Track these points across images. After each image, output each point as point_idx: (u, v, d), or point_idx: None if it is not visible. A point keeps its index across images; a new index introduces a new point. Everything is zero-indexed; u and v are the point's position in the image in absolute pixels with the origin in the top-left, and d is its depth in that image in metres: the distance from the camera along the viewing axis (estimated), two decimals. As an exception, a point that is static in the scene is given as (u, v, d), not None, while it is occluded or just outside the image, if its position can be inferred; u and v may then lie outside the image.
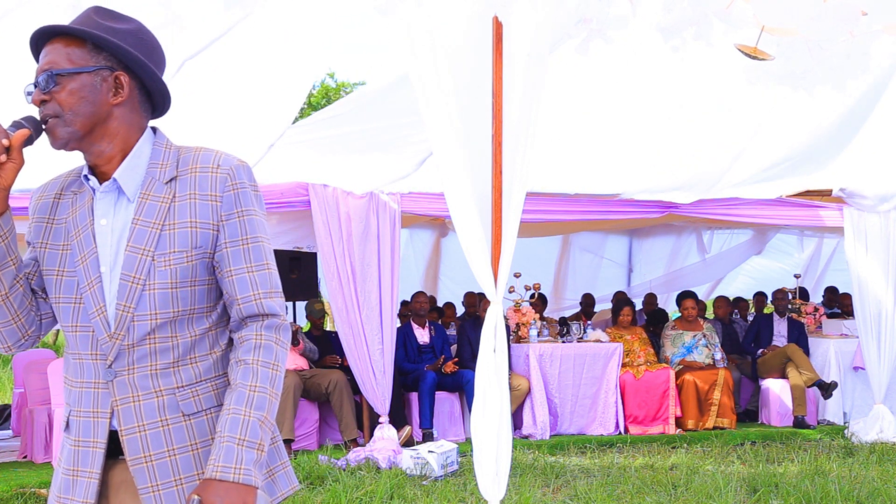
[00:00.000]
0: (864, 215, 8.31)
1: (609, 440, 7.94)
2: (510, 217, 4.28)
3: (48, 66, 1.88)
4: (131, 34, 1.93)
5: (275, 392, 1.88)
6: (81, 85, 1.87)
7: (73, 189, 1.99)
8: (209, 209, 1.90)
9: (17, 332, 1.97)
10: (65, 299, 1.92)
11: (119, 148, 1.92)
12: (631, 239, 13.07)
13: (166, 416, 1.88)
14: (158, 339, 1.88)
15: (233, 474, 1.79)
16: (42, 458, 7.14)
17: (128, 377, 1.88)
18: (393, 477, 6.29)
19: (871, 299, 8.20)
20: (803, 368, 8.61)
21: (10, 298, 1.93)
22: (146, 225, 1.88)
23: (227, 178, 1.91)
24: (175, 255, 1.88)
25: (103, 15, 1.93)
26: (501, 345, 4.34)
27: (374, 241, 7.33)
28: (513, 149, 4.23)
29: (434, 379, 7.92)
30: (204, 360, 1.92)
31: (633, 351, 8.73)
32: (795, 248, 13.58)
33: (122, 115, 1.92)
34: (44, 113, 1.89)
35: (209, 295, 1.93)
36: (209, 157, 1.93)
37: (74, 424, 1.94)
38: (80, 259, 1.90)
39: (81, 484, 1.90)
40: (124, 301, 1.86)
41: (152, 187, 1.91)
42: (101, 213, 1.92)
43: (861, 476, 6.40)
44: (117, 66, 1.90)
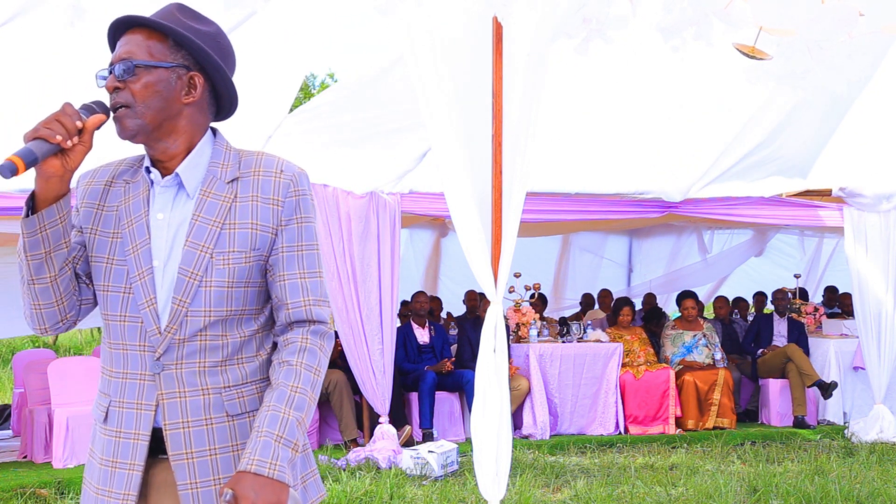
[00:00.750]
0: (864, 215, 8.31)
1: (609, 440, 7.94)
2: (510, 217, 4.29)
3: (127, 56, 1.88)
4: (211, 37, 1.94)
5: (314, 396, 1.89)
6: (157, 79, 1.88)
7: (126, 178, 1.98)
8: (270, 212, 1.91)
9: (56, 314, 1.95)
10: (114, 288, 1.91)
11: (183, 145, 1.93)
12: (631, 239, 13.07)
13: (211, 415, 1.88)
14: (209, 336, 1.89)
15: (268, 469, 1.77)
16: (42, 458, 7.14)
17: (175, 372, 1.87)
18: (393, 477, 6.29)
19: (871, 299, 8.20)
20: (803, 368, 8.61)
21: (58, 281, 1.91)
22: (206, 222, 1.89)
23: (290, 183, 1.93)
24: (234, 255, 1.89)
25: (186, 14, 1.95)
26: (501, 345, 4.35)
27: (374, 241, 7.33)
28: (513, 149, 4.24)
29: (434, 379, 7.92)
30: (250, 362, 1.93)
31: (633, 351, 8.74)
32: (796, 249, 13.59)
33: (190, 114, 1.93)
34: (115, 101, 1.88)
35: (259, 297, 1.95)
36: (272, 161, 1.95)
37: (115, 415, 1.91)
38: (132, 248, 1.90)
39: (121, 476, 1.88)
40: (180, 295, 1.87)
41: (213, 185, 1.92)
42: (158, 206, 1.93)
43: (861, 476, 6.40)
44: (194, 67, 1.92)
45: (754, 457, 7.23)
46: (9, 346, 16.53)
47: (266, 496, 1.75)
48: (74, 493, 6.12)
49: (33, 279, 1.89)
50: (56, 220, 1.85)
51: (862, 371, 8.63)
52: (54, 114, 1.80)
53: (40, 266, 1.88)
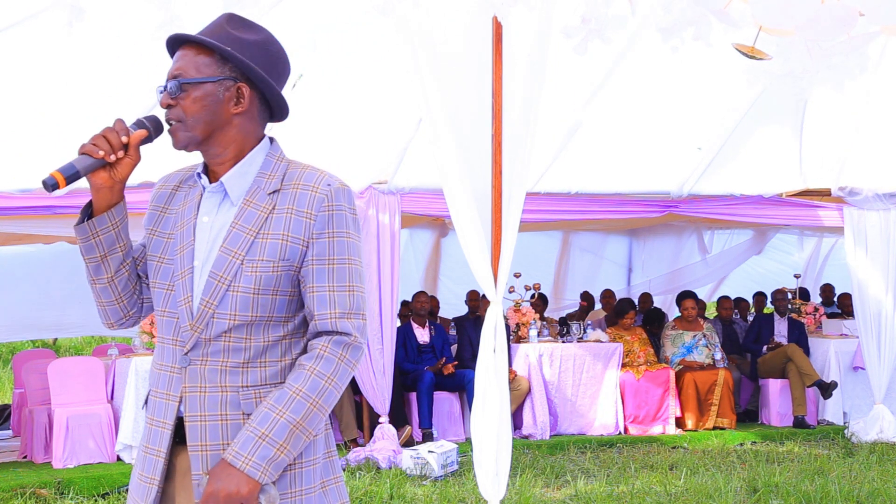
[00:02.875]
0: (863, 215, 8.31)
1: (609, 440, 7.94)
2: (510, 217, 4.29)
3: (177, 73, 1.99)
4: (258, 45, 2.03)
5: (320, 403, 1.93)
6: (205, 94, 1.98)
7: (190, 183, 2.10)
8: (302, 225, 1.97)
9: (119, 311, 2.11)
10: (160, 284, 2.03)
11: (233, 153, 2.03)
12: (631, 239, 13.06)
13: (227, 412, 1.95)
14: (233, 338, 1.96)
15: (241, 462, 1.86)
16: (42, 458, 7.14)
17: (200, 367, 1.97)
18: (393, 477, 6.29)
19: (871, 299, 8.20)
20: (803, 368, 8.60)
21: (115, 281, 2.06)
22: (243, 230, 1.98)
23: (324, 198, 1.98)
24: (263, 263, 1.96)
25: (235, 24, 2.04)
26: (501, 345, 4.35)
27: (373, 241, 7.33)
28: (513, 148, 4.24)
29: (432, 379, 7.92)
30: (273, 366, 1.99)
31: (633, 351, 8.74)
32: (795, 248, 13.60)
33: (240, 123, 2.02)
34: (168, 116, 2.00)
35: (289, 306, 2.00)
36: (313, 175, 2.02)
37: (152, 404, 2.04)
38: (180, 249, 2.01)
39: (150, 461, 2.00)
40: (208, 297, 1.96)
41: (256, 195, 2.01)
42: (205, 210, 2.03)
43: (861, 476, 6.40)
44: (240, 78, 2.00)
45: (754, 457, 7.23)
46: (9, 346, 16.53)
47: (227, 486, 1.85)
48: (74, 492, 6.13)
49: (94, 279, 2.06)
50: (108, 227, 2.00)
51: (862, 371, 8.62)
52: (104, 129, 1.94)
53: (98, 268, 2.04)
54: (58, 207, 6.64)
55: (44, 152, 6.21)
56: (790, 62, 2.40)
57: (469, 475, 6.07)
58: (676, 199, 8.45)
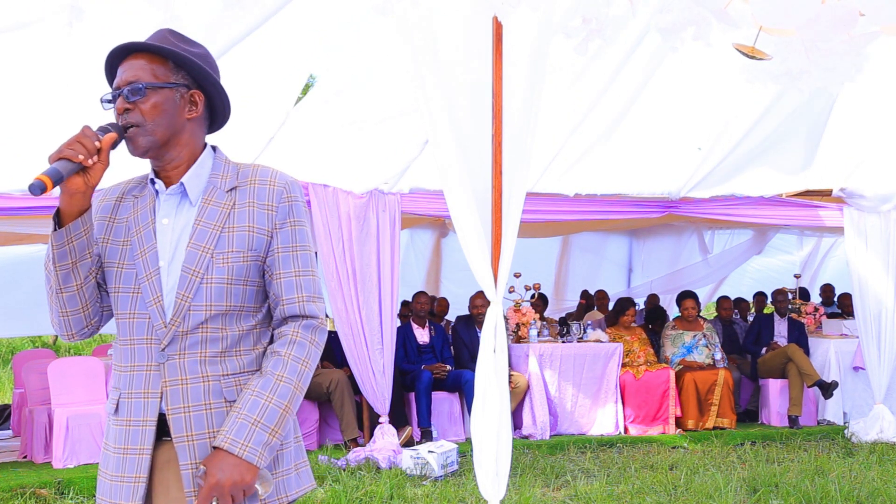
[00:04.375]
0: (864, 215, 8.31)
1: (609, 440, 7.93)
2: (510, 217, 4.28)
3: (134, 79, 2.06)
4: (202, 57, 2.15)
5: (300, 385, 2.05)
6: (164, 98, 2.07)
7: (134, 193, 2.17)
8: (265, 217, 2.09)
9: (82, 320, 2.15)
10: (123, 289, 2.09)
11: (186, 157, 2.12)
12: (631, 239, 13.06)
13: (210, 401, 2.04)
14: (210, 329, 2.05)
15: (239, 449, 1.95)
16: (42, 458, 7.14)
17: (178, 361, 2.04)
18: (393, 477, 6.29)
19: (872, 299, 8.21)
20: (804, 368, 8.60)
21: (84, 289, 2.10)
22: (208, 226, 2.08)
23: (283, 191, 2.12)
24: (233, 254, 2.06)
25: (178, 38, 2.15)
26: (501, 345, 4.34)
27: (374, 241, 7.33)
28: (513, 149, 4.23)
29: (430, 379, 7.92)
30: (248, 354, 2.09)
31: (633, 351, 8.73)
32: (795, 248, 13.62)
33: (192, 129, 2.13)
34: (125, 121, 2.06)
35: (258, 296, 2.12)
36: (266, 172, 2.15)
37: (125, 406, 2.08)
38: (140, 253, 2.08)
39: (132, 461, 2.05)
40: (183, 291, 2.04)
41: (214, 194, 2.11)
42: (163, 213, 2.11)
43: (861, 476, 6.40)
44: (193, 85, 2.13)
45: (754, 457, 7.23)
46: (9, 346, 16.54)
47: (231, 475, 1.93)
48: (74, 492, 6.12)
49: (61, 288, 2.09)
50: (81, 232, 2.05)
51: (862, 371, 8.63)
52: (75, 136, 1.99)
53: (67, 276, 2.07)
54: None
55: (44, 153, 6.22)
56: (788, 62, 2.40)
57: (469, 475, 6.07)
58: (677, 200, 8.45)
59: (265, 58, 5.95)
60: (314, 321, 2.09)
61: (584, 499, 5.80)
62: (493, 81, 4.20)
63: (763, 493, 5.85)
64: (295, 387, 2.03)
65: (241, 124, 6.52)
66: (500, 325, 4.34)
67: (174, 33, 2.14)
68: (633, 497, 5.84)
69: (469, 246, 4.30)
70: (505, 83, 4.20)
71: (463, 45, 4.21)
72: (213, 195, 2.11)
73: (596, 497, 5.76)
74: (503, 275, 4.34)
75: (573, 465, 6.92)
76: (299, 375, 2.04)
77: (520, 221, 4.34)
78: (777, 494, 5.86)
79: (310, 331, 2.08)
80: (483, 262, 4.30)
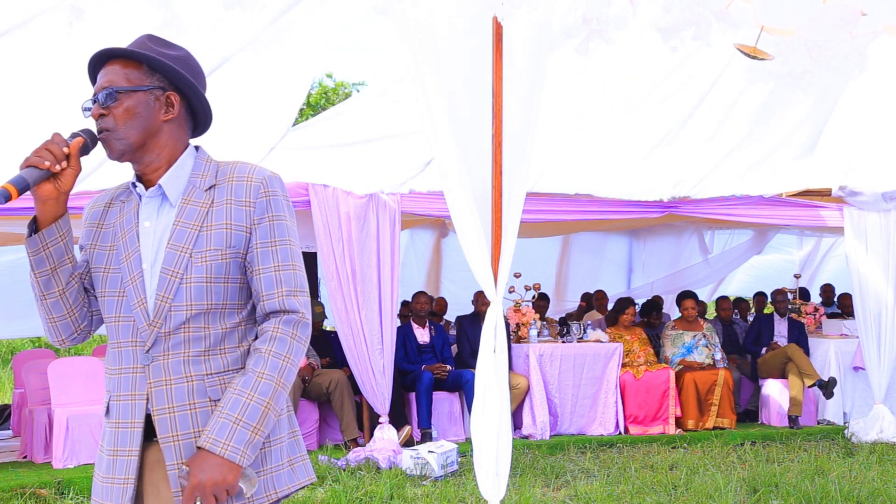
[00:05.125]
0: (864, 215, 8.31)
1: (609, 440, 7.93)
2: (510, 217, 4.28)
3: (107, 84, 2.08)
4: (181, 60, 2.15)
5: (282, 382, 2.04)
6: (137, 102, 2.08)
7: (122, 199, 2.19)
8: (243, 213, 2.09)
9: (70, 326, 2.17)
10: (109, 293, 2.11)
11: (165, 159, 2.13)
12: (631, 239, 13.06)
13: (195, 401, 2.04)
14: (192, 328, 2.05)
15: (221, 448, 1.94)
16: (42, 458, 7.14)
17: (163, 362, 2.04)
18: (393, 477, 6.29)
19: (872, 299, 8.20)
20: (804, 368, 8.60)
21: (66, 294, 2.12)
22: (186, 226, 2.08)
23: (260, 186, 2.10)
24: (211, 253, 2.06)
25: (157, 42, 2.16)
26: (501, 345, 4.34)
27: (374, 241, 7.32)
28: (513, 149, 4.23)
29: (431, 379, 7.91)
30: (232, 352, 2.09)
31: (633, 351, 8.73)
32: (795, 248, 13.62)
33: (170, 130, 2.13)
34: (101, 126, 2.08)
35: (240, 293, 2.11)
36: (245, 168, 2.14)
37: (114, 409, 2.09)
38: (125, 257, 2.09)
39: (121, 462, 2.06)
40: (163, 292, 2.04)
41: (193, 194, 2.11)
42: (145, 216, 2.12)
43: (861, 476, 6.40)
44: (169, 87, 2.13)
45: (754, 457, 7.23)
46: (9, 346, 16.53)
47: (213, 475, 1.93)
48: (74, 493, 6.12)
49: (44, 294, 2.11)
50: (57, 237, 2.07)
51: (862, 371, 8.62)
52: (44, 143, 2.01)
53: (48, 281, 2.10)
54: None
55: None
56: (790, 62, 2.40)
57: (469, 475, 6.07)
58: (677, 200, 8.45)
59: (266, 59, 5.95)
60: (295, 316, 2.08)
61: (584, 499, 5.80)
62: (493, 81, 4.20)
63: (763, 494, 5.85)
64: (277, 383, 2.02)
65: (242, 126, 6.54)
66: (500, 325, 4.34)
67: (153, 38, 2.16)
68: (633, 497, 5.84)
69: (469, 246, 4.29)
70: (505, 83, 4.19)
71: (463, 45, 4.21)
72: (192, 195, 2.11)
73: (596, 497, 5.76)
74: (503, 275, 4.34)
75: (573, 465, 6.92)
76: (280, 371, 2.03)
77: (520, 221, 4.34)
78: (777, 494, 5.86)
79: (291, 325, 2.07)
80: (483, 262, 4.29)
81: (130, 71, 2.09)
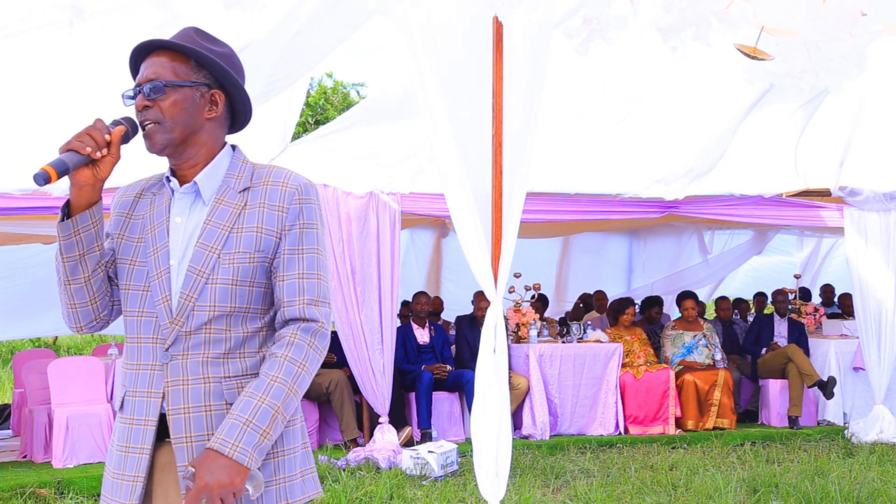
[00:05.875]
0: (864, 215, 8.31)
1: (609, 440, 7.93)
2: (510, 217, 4.28)
3: (154, 76, 2.06)
4: (226, 57, 2.13)
5: (295, 388, 2.01)
6: (183, 97, 2.06)
7: (153, 191, 2.17)
8: (275, 218, 2.07)
9: (90, 314, 2.14)
10: (134, 286, 2.08)
11: (203, 156, 2.12)
12: (631, 240, 13.06)
13: (210, 403, 2.01)
14: (213, 329, 2.03)
15: (229, 449, 1.91)
16: (42, 458, 7.14)
17: (181, 361, 2.02)
18: (393, 477, 6.29)
19: (872, 299, 8.20)
20: (804, 369, 8.60)
21: (91, 281, 2.09)
22: (217, 226, 2.06)
23: (294, 192, 2.09)
24: (239, 255, 2.04)
25: (203, 36, 2.14)
26: (501, 345, 4.34)
27: (374, 241, 7.33)
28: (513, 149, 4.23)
29: (431, 379, 7.91)
30: (252, 357, 2.06)
31: (633, 351, 8.73)
32: (795, 248, 13.62)
33: (211, 128, 2.12)
34: (144, 118, 2.06)
35: (265, 298, 2.09)
36: (281, 173, 2.12)
37: (129, 404, 2.07)
38: (153, 251, 2.07)
39: (132, 460, 2.03)
40: (187, 291, 2.02)
41: (227, 194, 2.10)
42: (176, 211, 2.11)
43: (861, 477, 6.40)
44: (214, 85, 2.11)
45: (754, 457, 7.23)
46: (9, 345, 16.54)
47: (219, 477, 1.89)
48: (74, 492, 6.12)
49: (69, 280, 2.08)
50: (89, 224, 2.04)
51: (862, 371, 8.62)
52: (86, 128, 1.98)
53: (75, 267, 2.06)
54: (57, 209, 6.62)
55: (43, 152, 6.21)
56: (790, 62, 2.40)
57: (469, 475, 6.07)
58: (676, 200, 8.45)
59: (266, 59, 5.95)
60: (314, 324, 2.05)
61: (583, 499, 5.80)
62: (493, 81, 4.20)
63: (763, 494, 5.85)
64: (289, 389, 1.99)
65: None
66: (500, 325, 4.34)
67: (199, 32, 2.13)
68: (632, 497, 5.84)
69: (469, 246, 4.29)
70: (505, 83, 4.20)
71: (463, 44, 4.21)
72: (225, 195, 2.09)
73: (596, 497, 5.76)
74: (503, 275, 4.34)
75: (573, 466, 6.92)
76: (294, 377, 2.00)
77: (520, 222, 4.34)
78: (777, 495, 5.86)
79: (309, 333, 2.04)
80: (483, 262, 4.30)
81: (178, 65, 2.07)
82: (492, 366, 4.31)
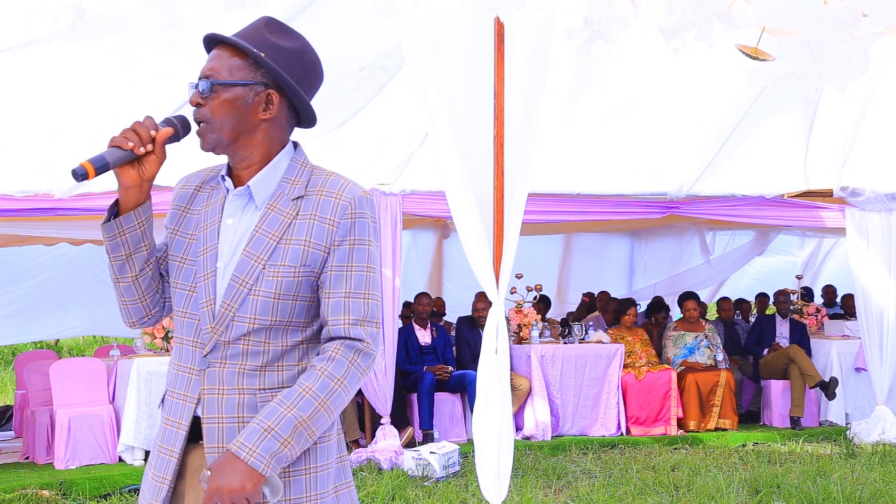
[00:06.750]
0: (865, 215, 8.30)
1: (611, 441, 7.93)
2: (512, 218, 4.28)
3: (209, 73, 2.00)
4: (293, 53, 2.03)
5: (328, 404, 1.93)
6: (235, 97, 1.98)
7: (213, 185, 2.11)
8: (325, 232, 1.98)
9: (141, 310, 2.12)
10: (181, 285, 2.05)
11: (259, 158, 2.03)
12: (633, 241, 13.06)
13: (244, 414, 1.96)
14: (252, 342, 1.97)
15: (246, 454, 1.86)
16: (44, 459, 7.14)
17: (218, 370, 1.98)
18: (395, 478, 6.29)
19: (874, 300, 8.19)
20: (806, 369, 8.60)
21: (139, 280, 2.07)
22: (266, 235, 1.99)
23: (348, 206, 1.99)
24: (284, 269, 1.97)
25: (273, 29, 2.04)
26: (503, 346, 4.34)
27: (374, 242, 7.31)
28: (514, 149, 4.23)
29: (433, 380, 7.91)
30: (290, 370, 2.00)
31: (635, 352, 8.73)
32: (797, 249, 13.61)
33: (267, 129, 2.03)
34: (197, 116, 2.01)
35: (308, 311, 2.02)
36: (337, 182, 2.03)
37: (168, 403, 2.06)
38: (203, 251, 2.03)
39: (163, 461, 2.02)
40: (229, 300, 1.97)
41: (280, 201, 2.02)
42: (229, 212, 2.04)
43: (863, 477, 6.39)
44: (271, 84, 2.01)
45: (756, 458, 7.22)
46: (11, 347, 16.54)
47: (231, 482, 1.85)
48: (76, 494, 6.13)
49: (118, 278, 2.07)
50: (134, 225, 2.01)
51: (864, 372, 8.61)
52: (134, 123, 1.96)
53: (122, 266, 2.05)
54: (59, 210, 6.63)
55: (45, 155, 6.21)
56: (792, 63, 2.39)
57: (471, 476, 6.07)
58: (678, 200, 8.45)
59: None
60: (359, 343, 1.97)
61: (585, 500, 5.80)
62: (494, 82, 4.20)
63: (765, 495, 5.84)
64: (321, 404, 1.91)
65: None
66: (501, 326, 4.34)
67: (270, 24, 2.05)
68: (634, 498, 5.83)
69: (470, 247, 4.29)
70: (507, 83, 4.20)
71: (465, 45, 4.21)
72: (279, 201, 2.01)
73: (598, 498, 5.76)
74: (505, 276, 4.34)
75: (575, 467, 6.92)
76: (329, 393, 1.92)
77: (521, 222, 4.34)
78: (779, 496, 5.85)
79: (352, 351, 1.96)
80: (485, 263, 4.30)
81: (235, 61, 1.99)
82: (493, 367, 4.31)
